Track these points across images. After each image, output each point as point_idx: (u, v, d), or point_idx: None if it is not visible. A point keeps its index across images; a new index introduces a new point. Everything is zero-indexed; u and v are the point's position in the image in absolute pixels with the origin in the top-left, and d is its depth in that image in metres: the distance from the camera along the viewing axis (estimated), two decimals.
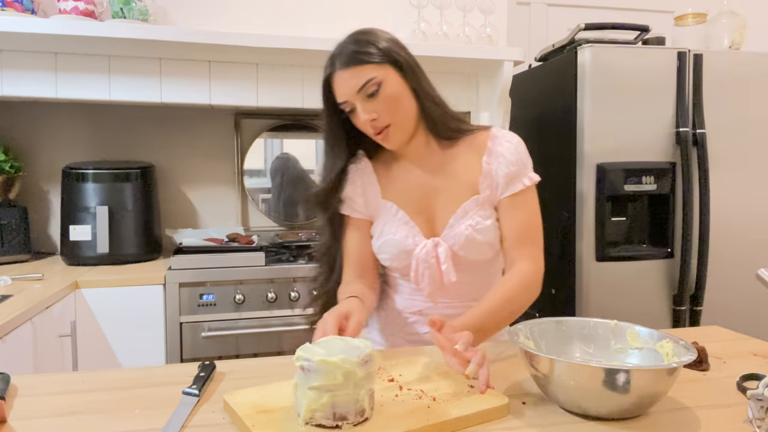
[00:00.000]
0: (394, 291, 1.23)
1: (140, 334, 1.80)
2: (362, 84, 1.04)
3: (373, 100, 1.06)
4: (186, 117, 2.40)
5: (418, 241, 1.13)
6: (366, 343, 0.78)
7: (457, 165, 1.15)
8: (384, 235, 1.15)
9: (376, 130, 1.08)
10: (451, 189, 1.14)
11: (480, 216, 1.11)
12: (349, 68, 1.05)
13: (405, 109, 1.09)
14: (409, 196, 1.16)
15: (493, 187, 1.13)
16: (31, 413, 0.80)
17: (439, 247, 1.11)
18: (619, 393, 0.73)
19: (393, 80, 1.07)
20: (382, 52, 1.07)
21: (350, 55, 1.05)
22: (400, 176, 1.18)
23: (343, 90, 1.07)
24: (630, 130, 2.11)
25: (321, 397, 0.72)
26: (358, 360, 0.73)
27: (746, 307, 2.21)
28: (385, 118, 1.07)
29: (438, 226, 1.15)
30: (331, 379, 0.72)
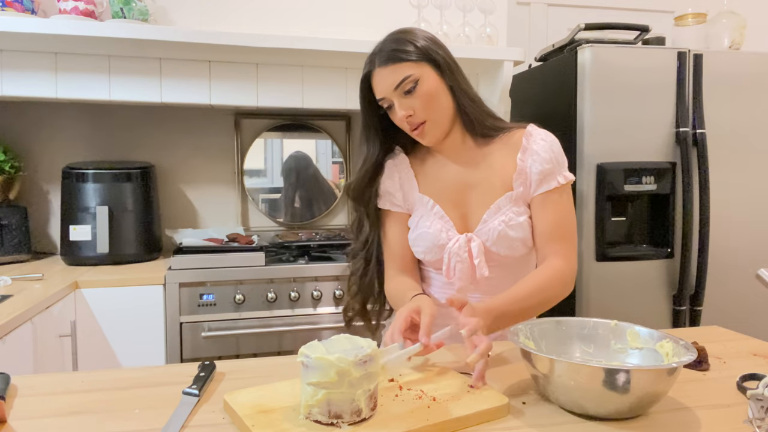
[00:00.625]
0: (426, 284, 1.25)
1: (140, 334, 1.80)
2: (399, 81, 1.08)
3: (410, 97, 1.09)
4: (186, 117, 2.40)
5: (452, 235, 1.15)
6: (371, 344, 0.78)
7: (491, 162, 1.17)
8: (419, 228, 1.17)
9: (413, 126, 1.11)
10: (486, 185, 1.16)
11: (513, 212, 1.13)
12: (387, 66, 1.09)
13: (441, 107, 1.12)
14: (444, 190, 1.18)
15: (526, 184, 1.14)
16: (31, 413, 0.80)
17: (472, 242, 1.13)
18: (619, 393, 0.73)
19: (430, 78, 1.10)
20: (420, 51, 1.10)
21: (389, 53, 1.09)
22: (435, 171, 1.20)
23: (381, 87, 1.10)
24: (630, 130, 2.11)
25: (317, 393, 0.73)
26: (355, 360, 0.73)
27: (746, 307, 2.21)
28: (422, 115, 1.10)
29: (472, 222, 1.17)
30: (326, 377, 0.72)
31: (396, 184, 1.22)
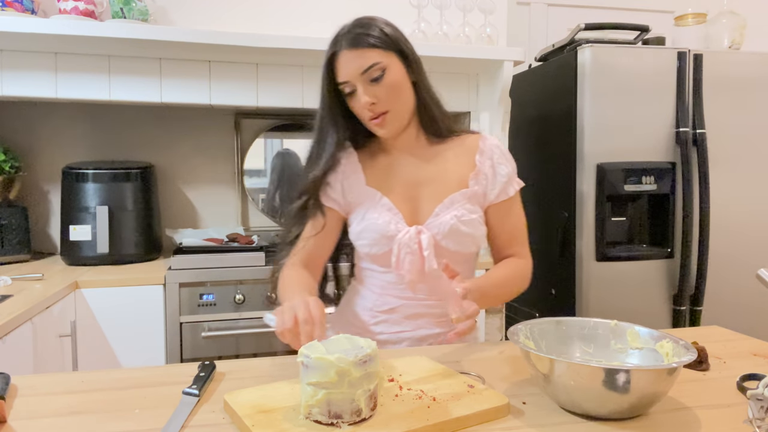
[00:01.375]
0: (364, 287, 1.22)
1: (140, 334, 1.80)
2: (368, 66, 1.07)
3: (376, 85, 1.08)
4: (186, 117, 2.40)
5: (401, 227, 1.13)
6: (371, 344, 0.78)
7: (446, 159, 1.18)
8: (365, 220, 1.15)
9: (374, 114, 1.09)
10: (439, 180, 1.16)
11: (466, 209, 1.14)
12: (356, 49, 1.07)
13: (404, 99, 1.12)
14: (394, 184, 1.17)
15: (485, 185, 1.17)
16: (31, 413, 0.80)
17: (422, 234, 1.12)
18: (619, 393, 0.73)
19: (397, 68, 1.10)
20: (390, 40, 1.10)
21: (358, 37, 1.07)
22: (386, 166, 1.19)
23: (346, 70, 1.08)
24: (630, 130, 2.11)
25: (317, 394, 0.73)
26: (355, 360, 0.73)
27: (746, 307, 2.21)
28: (385, 105, 1.09)
29: (422, 216, 1.16)
30: (326, 377, 0.72)
31: (338, 177, 1.18)
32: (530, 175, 2.49)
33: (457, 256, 1.15)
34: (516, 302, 2.60)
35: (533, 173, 2.50)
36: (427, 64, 2.35)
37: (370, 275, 1.21)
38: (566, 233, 2.20)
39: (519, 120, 2.50)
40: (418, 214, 1.16)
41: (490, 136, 1.23)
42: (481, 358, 1.04)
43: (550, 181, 2.34)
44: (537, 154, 2.47)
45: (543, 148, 2.43)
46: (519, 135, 2.52)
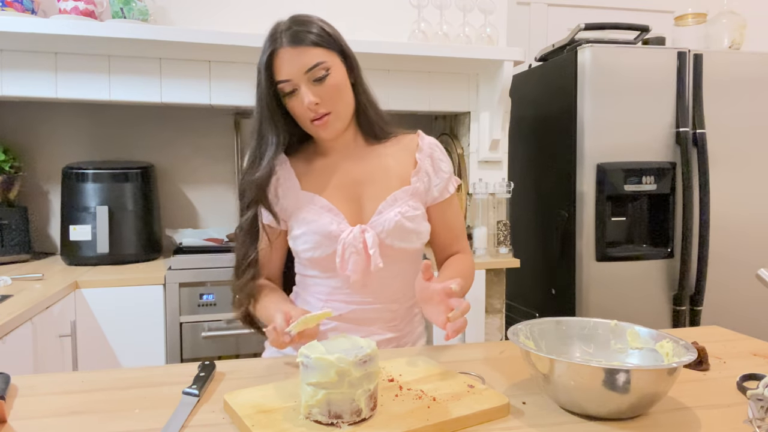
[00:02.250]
0: (309, 294, 1.17)
1: (140, 334, 1.80)
2: (312, 65, 1.03)
3: (319, 85, 1.04)
4: (186, 117, 2.40)
5: (344, 227, 1.10)
6: (371, 344, 0.78)
7: (386, 158, 1.17)
8: (304, 224, 1.10)
9: (316, 115, 1.06)
10: (381, 179, 1.14)
11: (409, 206, 1.12)
12: (298, 47, 1.03)
13: (346, 100, 1.09)
14: (333, 186, 1.14)
15: (427, 182, 1.16)
16: (31, 413, 0.80)
17: (366, 233, 1.09)
18: (619, 393, 0.73)
19: (339, 69, 1.07)
20: (332, 39, 1.07)
21: (299, 34, 1.04)
22: (323, 169, 1.15)
23: (289, 68, 1.04)
24: (630, 130, 2.11)
25: (317, 394, 0.73)
26: (355, 360, 0.73)
27: (746, 307, 2.21)
28: (328, 105, 1.06)
29: (365, 215, 1.13)
30: (326, 377, 0.72)
31: (272, 183, 1.14)
32: (530, 175, 2.50)
33: (402, 253, 1.13)
34: (516, 302, 2.60)
35: (533, 173, 2.50)
36: (427, 64, 2.35)
37: (313, 282, 1.16)
38: (566, 233, 2.20)
39: (519, 120, 2.50)
40: (361, 214, 1.13)
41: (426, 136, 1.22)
42: (481, 358, 1.04)
43: (550, 181, 2.34)
44: (537, 154, 2.47)
45: (543, 148, 2.43)
46: (519, 135, 2.52)
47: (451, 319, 0.89)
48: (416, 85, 2.24)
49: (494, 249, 2.29)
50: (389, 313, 1.15)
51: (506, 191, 2.29)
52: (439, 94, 2.27)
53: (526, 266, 2.34)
